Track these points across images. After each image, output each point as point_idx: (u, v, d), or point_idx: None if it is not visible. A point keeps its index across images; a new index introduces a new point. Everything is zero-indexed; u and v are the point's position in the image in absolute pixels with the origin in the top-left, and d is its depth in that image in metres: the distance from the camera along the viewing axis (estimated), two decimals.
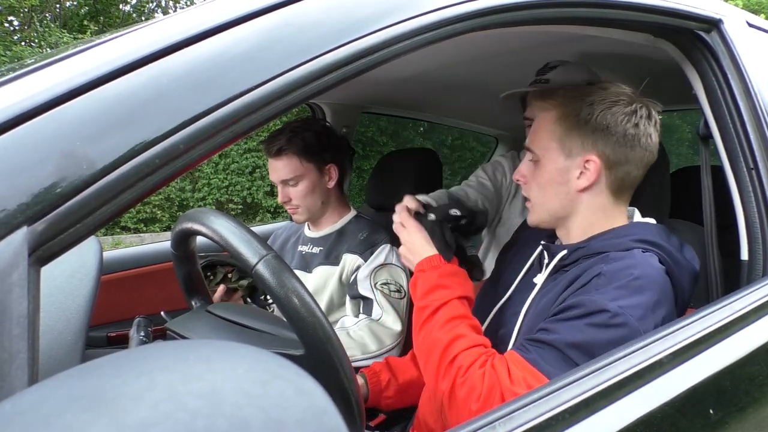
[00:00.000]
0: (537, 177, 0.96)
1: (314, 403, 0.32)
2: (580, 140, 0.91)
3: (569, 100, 0.93)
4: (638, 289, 0.81)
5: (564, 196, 0.94)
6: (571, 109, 0.92)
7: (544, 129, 0.95)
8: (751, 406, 0.78)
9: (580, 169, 0.92)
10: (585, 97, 0.93)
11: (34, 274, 0.42)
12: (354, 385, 0.70)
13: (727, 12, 1.03)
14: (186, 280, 0.99)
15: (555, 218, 0.99)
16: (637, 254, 0.87)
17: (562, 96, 0.94)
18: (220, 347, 0.35)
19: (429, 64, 1.52)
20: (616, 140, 0.91)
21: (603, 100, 0.92)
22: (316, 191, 1.45)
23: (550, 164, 0.94)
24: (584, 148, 0.91)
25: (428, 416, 1.05)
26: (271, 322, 0.84)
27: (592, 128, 0.91)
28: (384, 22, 0.61)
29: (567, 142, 0.92)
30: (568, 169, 0.93)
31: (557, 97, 0.95)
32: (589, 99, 0.92)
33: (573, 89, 0.96)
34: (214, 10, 0.58)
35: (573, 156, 0.92)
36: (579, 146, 0.92)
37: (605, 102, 0.92)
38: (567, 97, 0.94)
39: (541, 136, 0.95)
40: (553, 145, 0.93)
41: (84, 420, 0.29)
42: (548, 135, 0.94)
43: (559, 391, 0.61)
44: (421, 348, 0.92)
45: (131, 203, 0.47)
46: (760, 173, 0.95)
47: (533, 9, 0.75)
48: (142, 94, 0.49)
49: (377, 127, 7.50)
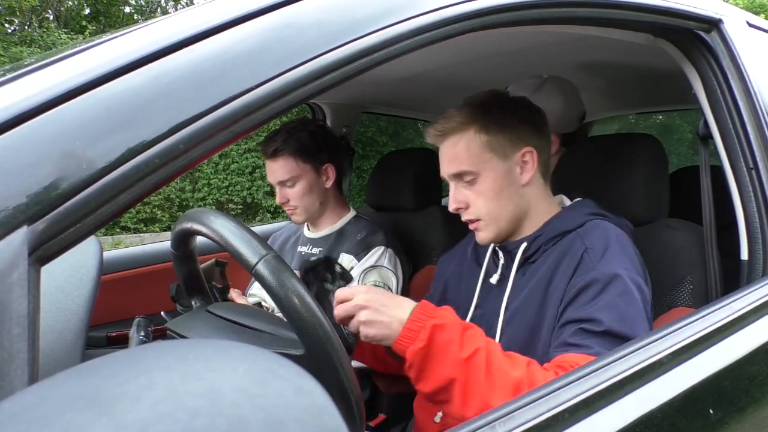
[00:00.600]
0: (482, 192, 0.97)
1: (314, 402, 0.32)
2: (508, 140, 0.96)
3: (479, 113, 0.96)
4: (623, 246, 0.92)
5: (516, 196, 0.99)
6: (486, 119, 0.96)
7: (471, 146, 0.96)
8: (751, 406, 0.78)
9: (519, 165, 0.98)
10: (487, 105, 0.97)
11: (34, 274, 0.42)
12: (354, 384, 0.70)
13: (727, 12, 1.03)
14: (186, 280, 0.99)
15: (512, 222, 1.01)
16: (599, 223, 0.95)
17: (470, 113, 0.97)
18: (220, 347, 0.35)
19: (429, 64, 1.52)
20: (534, 127, 0.99)
21: (502, 102, 0.99)
22: (313, 191, 1.45)
23: (493, 173, 0.96)
24: (516, 145, 0.97)
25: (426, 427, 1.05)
26: (271, 322, 0.84)
27: (514, 124, 0.97)
28: (384, 22, 0.61)
29: (499, 146, 0.96)
30: (511, 170, 0.97)
31: (466, 113, 0.97)
32: (494, 103, 0.98)
33: (473, 101, 0.99)
34: (213, 11, 0.58)
35: (509, 156, 0.97)
36: (510, 145, 0.97)
37: (504, 102, 0.99)
38: (475, 112, 0.97)
39: (470, 153, 0.96)
40: (488, 155, 0.96)
41: (83, 419, 0.29)
42: (478, 149, 0.96)
43: (559, 391, 0.61)
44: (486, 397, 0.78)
45: (131, 203, 0.47)
46: (760, 173, 0.95)
47: (533, 9, 0.75)
48: (141, 94, 0.49)
49: (377, 127, 7.50)
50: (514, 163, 0.97)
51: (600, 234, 0.93)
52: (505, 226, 1.00)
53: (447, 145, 0.99)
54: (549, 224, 0.99)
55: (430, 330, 0.79)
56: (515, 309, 0.96)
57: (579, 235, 0.95)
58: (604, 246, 0.91)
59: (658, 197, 1.15)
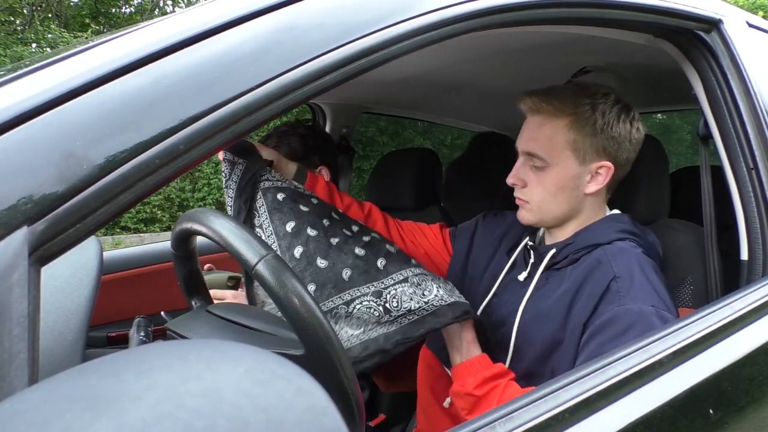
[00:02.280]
0: (545, 182, 0.96)
1: (314, 402, 0.32)
2: (594, 148, 0.93)
3: (581, 108, 0.94)
4: (649, 278, 0.88)
5: (573, 200, 0.96)
6: (584, 118, 0.93)
7: (556, 136, 0.94)
8: (751, 406, 0.78)
9: (591, 174, 0.95)
10: (596, 104, 0.94)
11: (35, 274, 0.42)
12: (354, 385, 0.70)
13: (727, 12, 1.03)
14: (186, 280, 0.99)
15: (558, 220, 0.99)
16: (626, 249, 0.92)
17: (572, 104, 0.94)
18: (220, 347, 0.35)
19: (429, 64, 1.51)
20: (624, 146, 0.95)
21: (611, 108, 0.95)
22: None
23: (564, 171, 0.94)
24: (598, 155, 0.94)
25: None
26: (271, 322, 0.84)
27: (606, 136, 0.93)
28: (384, 23, 0.61)
29: (582, 149, 0.93)
30: (581, 175, 0.95)
31: (569, 102, 0.94)
32: (600, 107, 0.94)
33: (581, 92, 0.96)
34: (213, 11, 0.58)
35: (587, 162, 0.94)
36: (593, 153, 0.94)
37: (614, 110, 0.95)
38: (578, 105, 0.94)
39: (552, 143, 0.94)
40: (567, 153, 0.94)
41: (84, 420, 0.29)
42: (561, 142, 0.94)
43: (559, 391, 0.61)
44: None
45: (131, 203, 0.47)
46: (759, 173, 0.95)
47: (533, 9, 0.75)
48: (142, 95, 0.49)
49: (377, 127, 7.49)
50: (587, 171, 0.95)
51: (627, 263, 0.89)
52: (550, 220, 0.99)
53: (534, 122, 0.97)
54: (580, 234, 0.97)
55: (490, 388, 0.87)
56: (536, 314, 0.94)
57: (607, 257, 0.91)
58: (630, 277, 0.87)
59: (658, 197, 1.14)
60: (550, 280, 0.96)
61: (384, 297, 0.88)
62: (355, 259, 0.91)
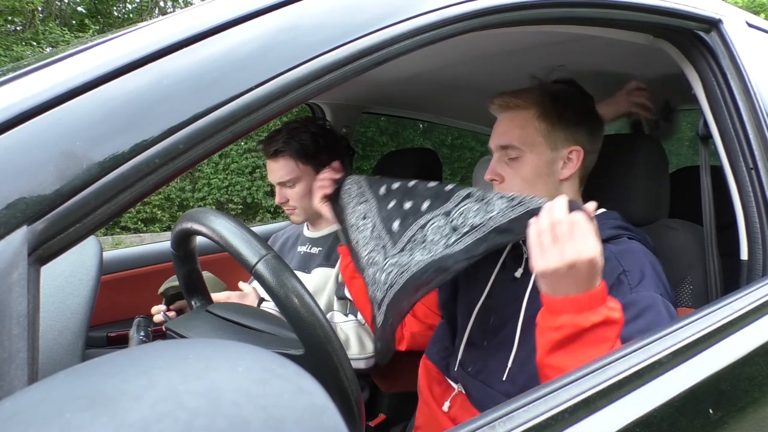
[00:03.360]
0: (521, 172, 1.00)
1: (314, 402, 0.32)
2: (563, 134, 0.99)
3: (548, 97, 1.00)
4: (656, 271, 0.90)
5: (551, 185, 1.00)
6: (552, 106, 0.99)
7: (526, 126, 0.99)
8: (751, 406, 0.78)
9: (564, 160, 1.00)
10: (560, 95, 1.01)
11: (34, 274, 0.42)
12: (354, 384, 0.70)
13: (726, 12, 1.03)
14: (186, 280, 0.99)
15: None
16: (633, 247, 0.94)
17: (538, 94, 1.00)
18: (220, 346, 0.35)
19: (429, 64, 1.51)
20: (590, 131, 1.02)
21: (575, 98, 1.02)
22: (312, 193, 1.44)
23: (537, 158, 0.99)
24: (568, 141, 0.99)
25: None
26: (271, 322, 0.84)
27: (574, 122, 0.99)
28: (384, 22, 0.61)
29: (552, 136, 0.99)
30: (554, 161, 1.00)
31: (534, 96, 1.00)
32: (563, 96, 1.01)
33: (545, 86, 1.03)
34: (213, 11, 0.58)
35: (559, 148, 0.99)
36: (563, 139, 0.99)
37: (578, 98, 1.02)
38: (545, 95, 1.00)
39: (524, 132, 0.99)
40: (539, 140, 0.99)
41: (83, 419, 0.29)
42: (532, 131, 0.99)
43: (559, 391, 0.61)
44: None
45: (131, 203, 0.47)
46: (759, 173, 0.95)
47: (533, 9, 0.75)
48: (142, 94, 0.49)
49: (377, 127, 7.49)
50: (560, 157, 1.00)
51: (636, 259, 0.91)
52: None
53: (505, 118, 1.03)
54: None
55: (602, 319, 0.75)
56: (534, 308, 0.92)
57: (612, 254, 0.90)
58: (641, 271, 0.89)
59: (658, 197, 1.14)
60: None
61: (452, 215, 0.93)
62: (427, 190, 1.01)
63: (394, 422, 1.54)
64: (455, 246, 0.89)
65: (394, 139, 7.80)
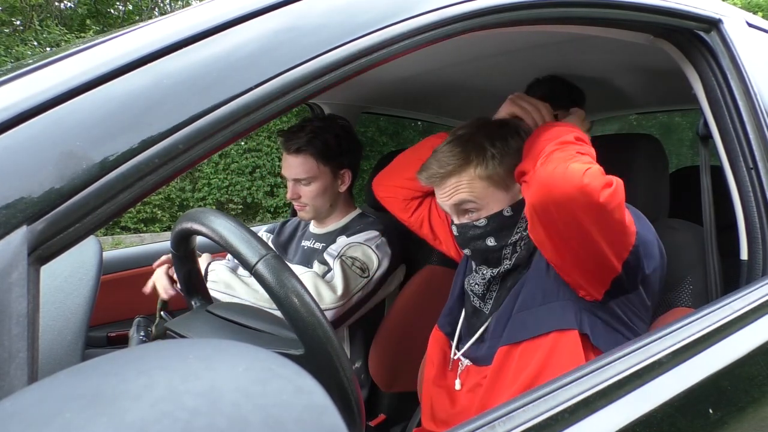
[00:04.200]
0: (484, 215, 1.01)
1: (313, 401, 0.32)
2: (501, 172, 0.98)
3: (474, 152, 0.98)
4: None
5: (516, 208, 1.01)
6: (480, 157, 0.98)
7: (469, 183, 0.98)
8: (751, 406, 0.78)
9: (519, 187, 0.99)
10: (481, 142, 0.99)
11: (34, 274, 0.42)
12: (354, 384, 0.70)
13: (726, 12, 1.03)
14: (186, 280, 0.99)
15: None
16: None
17: (463, 153, 0.98)
18: (220, 346, 0.35)
19: (429, 64, 1.52)
20: (514, 153, 0.99)
21: (495, 134, 1.00)
22: (327, 193, 1.44)
23: (497, 205, 1.00)
24: (510, 175, 0.98)
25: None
26: (271, 322, 0.84)
27: (509, 158, 0.98)
28: (384, 22, 0.61)
29: (495, 180, 0.98)
30: (514, 195, 1.00)
31: (463, 157, 0.98)
32: (486, 142, 0.99)
33: (465, 145, 1.00)
34: (213, 11, 0.58)
35: (511, 185, 1.00)
36: (505, 176, 0.99)
37: (498, 134, 1.00)
38: (469, 152, 0.98)
39: (471, 188, 0.98)
40: (491, 190, 0.99)
41: (83, 418, 0.29)
42: (477, 184, 0.98)
43: (559, 391, 0.61)
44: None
45: (131, 203, 0.47)
46: (759, 173, 0.95)
47: (533, 9, 0.75)
48: (142, 94, 0.49)
49: (377, 127, 7.49)
50: (516, 189, 1.00)
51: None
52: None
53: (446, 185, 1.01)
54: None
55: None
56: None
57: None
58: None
59: (658, 197, 1.15)
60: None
61: None
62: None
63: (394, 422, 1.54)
64: None
65: (394, 139, 7.80)
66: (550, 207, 0.81)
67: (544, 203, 0.82)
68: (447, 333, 1.14)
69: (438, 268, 1.61)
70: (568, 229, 0.83)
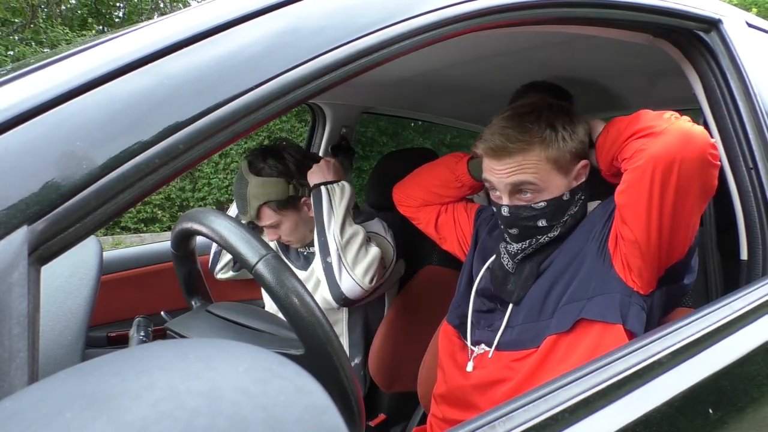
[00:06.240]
0: (544, 198, 1.01)
1: (314, 401, 0.32)
2: (568, 157, 0.98)
3: (542, 131, 0.98)
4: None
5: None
6: (547, 139, 0.97)
7: (535, 164, 0.97)
8: (751, 406, 0.78)
9: (575, 177, 1.01)
10: (550, 121, 0.99)
11: (34, 274, 0.42)
12: (354, 384, 0.70)
13: (726, 12, 1.03)
14: (186, 280, 0.99)
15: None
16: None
17: (533, 132, 0.98)
18: (220, 346, 0.35)
19: (429, 64, 1.52)
20: (585, 142, 1.01)
21: (562, 118, 1.00)
22: (300, 225, 1.45)
23: (556, 189, 0.99)
24: (573, 161, 0.99)
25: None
26: (271, 322, 0.84)
27: (575, 143, 0.99)
28: (384, 22, 0.61)
29: (561, 164, 0.98)
30: (569, 183, 1.00)
31: (527, 136, 0.97)
32: (555, 123, 0.99)
33: (534, 122, 0.99)
34: (213, 11, 0.58)
35: (570, 171, 1.00)
36: (571, 162, 0.99)
37: (563, 119, 1.00)
38: (538, 131, 0.98)
39: (536, 169, 0.97)
40: (554, 174, 0.98)
41: (83, 418, 0.29)
42: (543, 166, 0.97)
43: (559, 391, 0.61)
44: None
45: (131, 203, 0.47)
46: (759, 173, 0.95)
47: (533, 9, 0.75)
48: (142, 95, 0.49)
49: (377, 127, 7.49)
50: (572, 176, 1.02)
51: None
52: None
53: (509, 162, 1.00)
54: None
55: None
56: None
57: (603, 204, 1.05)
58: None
59: None
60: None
61: None
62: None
63: (394, 422, 1.54)
64: None
65: (394, 139, 7.80)
66: (677, 160, 0.82)
67: (674, 156, 0.82)
68: (456, 326, 1.15)
69: (438, 268, 1.61)
70: (678, 191, 0.84)
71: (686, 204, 0.85)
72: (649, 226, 0.87)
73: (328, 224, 1.34)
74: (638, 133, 0.88)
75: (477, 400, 1.03)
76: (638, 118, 0.90)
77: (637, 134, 0.88)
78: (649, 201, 0.85)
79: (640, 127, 0.88)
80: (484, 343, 1.07)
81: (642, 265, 0.91)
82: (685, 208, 0.86)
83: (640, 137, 0.87)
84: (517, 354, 1.00)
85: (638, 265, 0.92)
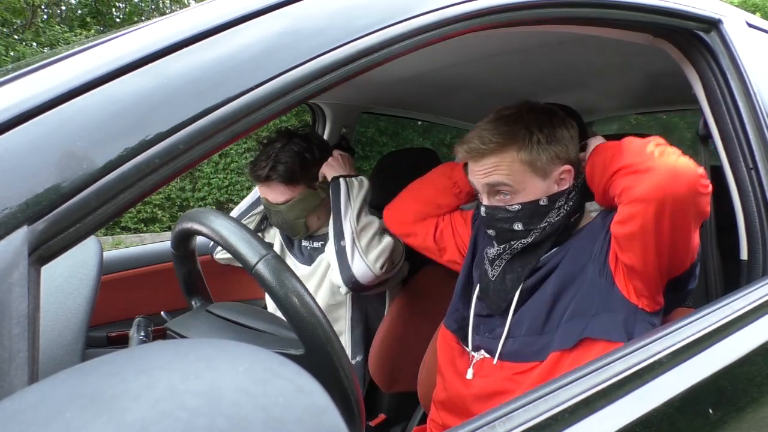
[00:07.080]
0: (519, 200, 1.00)
1: (314, 401, 0.32)
2: (544, 159, 0.98)
3: (520, 132, 0.98)
4: None
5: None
6: (521, 140, 0.97)
7: (509, 166, 0.98)
8: (750, 406, 0.78)
9: (556, 182, 1.00)
10: (529, 122, 0.98)
11: (35, 274, 0.42)
12: (354, 384, 0.70)
13: (726, 12, 1.03)
14: (186, 280, 0.99)
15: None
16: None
17: (510, 132, 0.98)
18: (220, 346, 0.35)
19: (429, 64, 1.51)
20: (570, 145, 1.00)
21: (542, 119, 0.99)
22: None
23: (533, 192, 0.99)
24: (552, 165, 0.98)
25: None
26: (271, 322, 0.84)
27: (554, 146, 0.98)
28: (384, 23, 0.61)
29: (537, 166, 0.98)
30: (548, 187, 1.00)
31: (505, 137, 0.98)
32: (534, 124, 0.98)
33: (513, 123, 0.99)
34: (213, 11, 0.58)
35: (549, 175, 0.99)
36: (547, 164, 0.98)
37: (545, 119, 0.99)
38: (516, 131, 0.98)
39: (510, 170, 0.98)
40: (529, 176, 0.98)
41: (83, 418, 0.29)
42: (517, 167, 0.97)
43: (559, 391, 0.61)
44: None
45: (131, 203, 0.47)
46: (759, 173, 0.95)
47: (533, 9, 0.75)
48: (142, 94, 0.49)
49: (377, 127, 7.49)
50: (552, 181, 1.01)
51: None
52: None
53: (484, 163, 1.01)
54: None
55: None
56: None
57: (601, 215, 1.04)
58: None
59: None
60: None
61: None
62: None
63: (394, 422, 1.54)
64: None
65: (393, 139, 7.80)
66: (668, 199, 0.82)
67: (663, 194, 0.82)
68: (454, 330, 1.15)
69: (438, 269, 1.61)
70: (673, 224, 0.84)
71: (682, 232, 0.85)
72: (646, 256, 0.87)
73: (345, 212, 1.34)
74: (624, 170, 0.87)
75: (478, 410, 1.03)
76: (621, 153, 0.89)
77: (623, 170, 0.87)
78: (643, 235, 0.85)
79: (625, 164, 0.87)
80: (484, 350, 1.06)
81: (643, 287, 0.91)
82: (681, 236, 0.85)
83: (626, 174, 0.87)
84: (520, 366, 1.00)
85: (639, 287, 0.91)
